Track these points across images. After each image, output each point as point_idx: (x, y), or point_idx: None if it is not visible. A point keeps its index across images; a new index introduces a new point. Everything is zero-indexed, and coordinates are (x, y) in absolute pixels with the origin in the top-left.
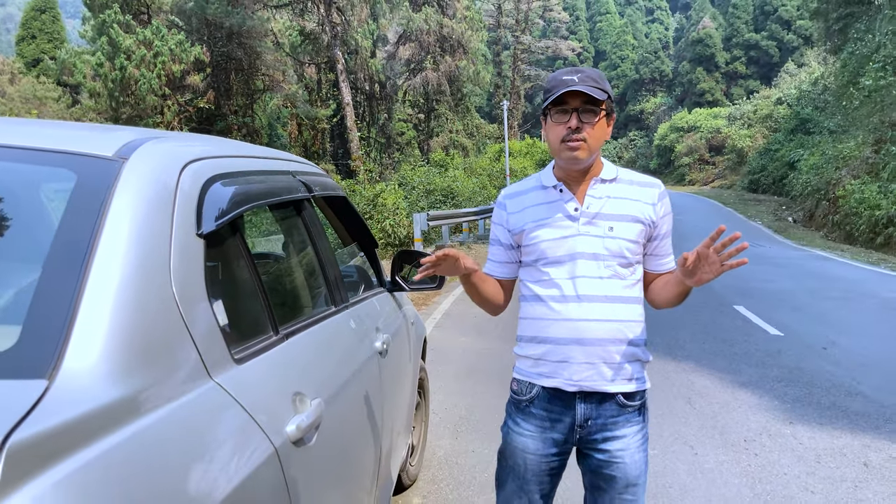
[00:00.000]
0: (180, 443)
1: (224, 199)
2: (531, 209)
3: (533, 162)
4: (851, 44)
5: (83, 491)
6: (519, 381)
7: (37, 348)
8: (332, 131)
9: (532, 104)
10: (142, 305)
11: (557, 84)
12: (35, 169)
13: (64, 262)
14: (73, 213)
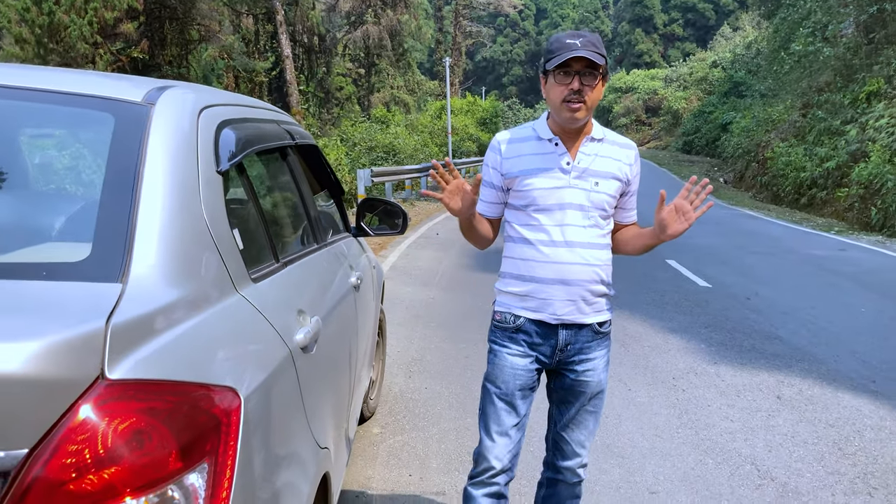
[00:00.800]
0: (225, 337)
1: (233, 142)
2: (527, 157)
3: (474, 120)
4: (784, 9)
5: (164, 358)
6: (503, 313)
7: (107, 259)
8: (271, 85)
9: (473, 61)
10: (183, 227)
11: (562, 47)
12: (79, 111)
13: (118, 188)
14: (118, 148)
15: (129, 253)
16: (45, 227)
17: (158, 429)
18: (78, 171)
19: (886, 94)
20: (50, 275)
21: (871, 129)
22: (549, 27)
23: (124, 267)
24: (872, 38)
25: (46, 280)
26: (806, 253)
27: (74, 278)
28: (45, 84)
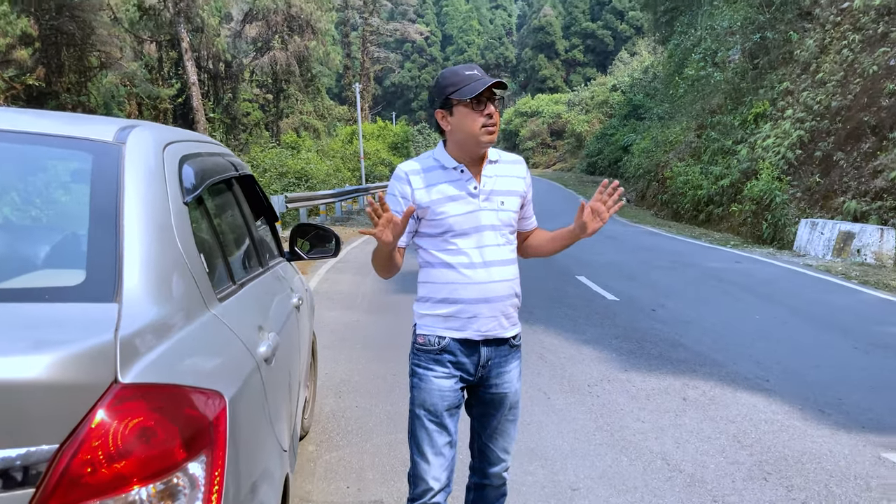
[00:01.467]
0: (206, 349)
1: (193, 175)
2: (437, 186)
3: (385, 144)
4: (677, 36)
5: (168, 362)
6: (426, 336)
7: (101, 282)
8: (175, 111)
9: (381, 86)
10: (161, 253)
11: (467, 79)
12: (60, 151)
13: (103, 219)
14: (99, 183)
15: (119, 277)
16: (37, 255)
17: (165, 425)
18: (62, 205)
19: (771, 116)
20: (52, 297)
21: (759, 149)
22: (456, 53)
23: (117, 289)
24: (757, 64)
25: (51, 302)
26: (705, 266)
27: (75, 300)
28: (24, 126)
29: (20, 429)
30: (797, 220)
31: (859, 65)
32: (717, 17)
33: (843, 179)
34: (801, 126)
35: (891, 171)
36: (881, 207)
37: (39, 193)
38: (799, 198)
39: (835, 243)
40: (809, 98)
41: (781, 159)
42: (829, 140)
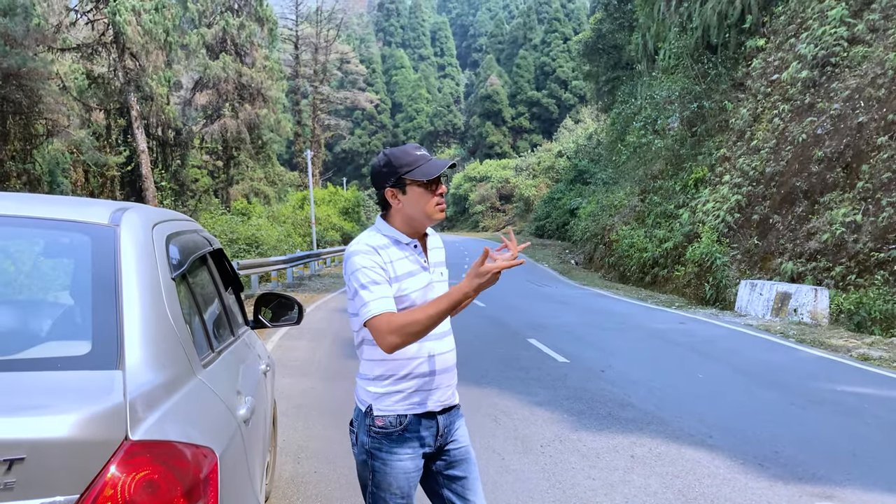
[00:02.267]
0: (198, 410)
1: (178, 252)
2: (399, 262)
3: (336, 210)
4: (618, 104)
5: (168, 422)
6: (385, 417)
7: (105, 352)
8: (123, 179)
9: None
10: (156, 325)
11: (419, 160)
12: (60, 233)
13: (104, 295)
14: (98, 263)
15: (121, 346)
16: (45, 328)
17: (168, 478)
18: (65, 283)
19: (710, 181)
20: (64, 366)
21: (700, 213)
22: (405, 120)
23: (120, 357)
24: (695, 132)
25: (63, 370)
26: (651, 327)
27: (84, 368)
28: (24, 211)
29: (47, 481)
30: (738, 282)
31: (790, 133)
32: (656, 87)
33: (779, 241)
34: (738, 191)
35: (823, 234)
36: (815, 268)
37: (43, 273)
38: (739, 259)
39: (773, 303)
40: (745, 164)
41: (721, 223)
42: (765, 204)
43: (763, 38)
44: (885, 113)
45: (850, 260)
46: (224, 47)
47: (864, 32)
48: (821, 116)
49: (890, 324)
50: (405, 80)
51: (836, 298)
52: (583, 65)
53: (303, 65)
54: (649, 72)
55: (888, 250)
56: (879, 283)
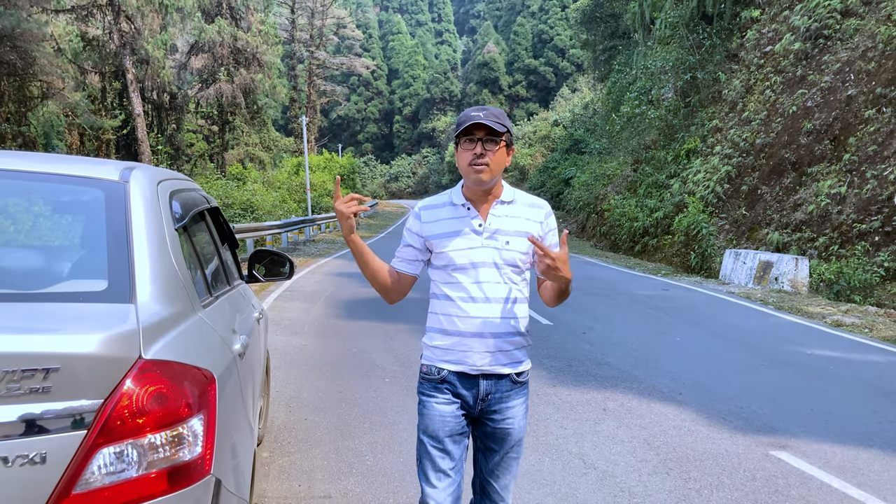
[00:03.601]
0: (199, 340)
1: (180, 206)
2: (444, 222)
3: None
4: (615, 74)
5: (173, 347)
6: (428, 366)
7: (120, 289)
8: (119, 142)
9: (328, 118)
10: (162, 267)
11: (467, 119)
12: (76, 188)
13: (117, 242)
14: (112, 213)
15: (133, 285)
16: (66, 269)
17: (175, 391)
18: (81, 230)
19: (701, 152)
20: (86, 299)
21: (690, 183)
22: (402, 87)
23: (132, 293)
24: (688, 102)
25: (85, 302)
26: (635, 293)
27: (102, 301)
28: (42, 167)
29: (76, 387)
30: (723, 251)
31: (780, 105)
32: (651, 56)
33: (766, 212)
34: (728, 161)
35: (809, 205)
36: (800, 238)
37: (62, 221)
38: (727, 229)
39: (755, 272)
40: (736, 135)
41: (711, 193)
42: (754, 175)
43: (758, 9)
44: (874, 86)
45: (833, 231)
46: (220, 11)
47: (856, 5)
48: (811, 89)
49: (868, 293)
50: (402, 47)
51: (818, 268)
52: (580, 33)
53: (299, 29)
54: (645, 41)
55: (869, 221)
56: (860, 254)
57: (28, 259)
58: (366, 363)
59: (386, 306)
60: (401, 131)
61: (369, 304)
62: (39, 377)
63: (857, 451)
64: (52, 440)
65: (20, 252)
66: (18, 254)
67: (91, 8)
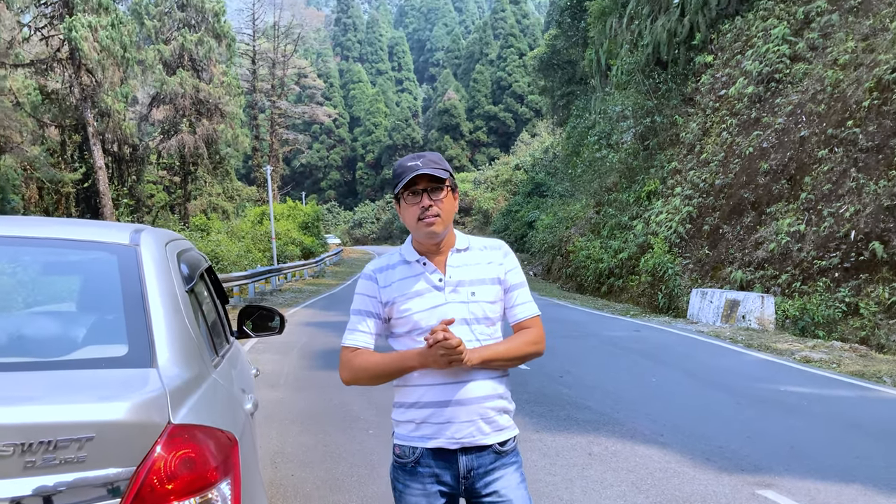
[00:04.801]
0: (219, 402)
1: (188, 267)
2: (398, 283)
3: (296, 224)
4: (573, 118)
5: (197, 411)
6: (401, 447)
7: (140, 354)
8: (78, 195)
9: (290, 167)
10: (177, 331)
11: (405, 170)
12: (89, 253)
13: (134, 304)
14: (126, 277)
15: (153, 349)
16: (85, 334)
17: (203, 456)
18: (97, 295)
19: (662, 193)
20: (108, 364)
21: (653, 224)
22: (364, 134)
23: (153, 358)
24: (647, 145)
25: (108, 368)
26: (607, 335)
27: (124, 366)
28: (55, 234)
29: (110, 455)
30: (689, 290)
31: (737, 146)
32: (609, 101)
33: (729, 251)
34: (689, 202)
35: (769, 243)
36: (763, 276)
37: (77, 286)
38: (691, 269)
39: (723, 310)
40: (695, 176)
41: (673, 233)
42: (715, 215)
43: (711, 54)
44: (825, 127)
45: (794, 268)
46: (181, 63)
47: (804, 50)
48: (766, 130)
49: (831, 328)
50: (363, 95)
51: (783, 305)
52: (538, 80)
53: (260, 79)
54: (602, 87)
55: (829, 258)
56: (821, 290)
57: (46, 325)
58: (347, 415)
59: None
60: (364, 178)
61: None
62: (74, 447)
63: (840, 488)
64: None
65: (38, 319)
66: (37, 320)
67: (51, 62)
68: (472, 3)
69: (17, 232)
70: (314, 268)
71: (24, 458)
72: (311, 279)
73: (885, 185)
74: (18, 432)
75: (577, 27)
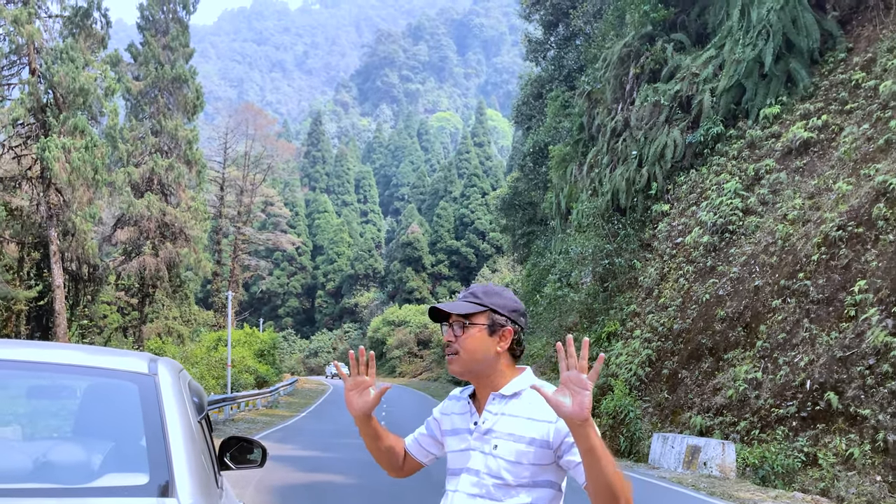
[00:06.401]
0: None
1: (197, 395)
2: (451, 416)
3: (251, 352)
4: (534, 257)
5: None
6: None
7: (159, 483)
8: (30, 313)
9: (249, 292)
10: (194, 460)
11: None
12: (109, 381)
13: (154, 433)
14: (146, 405)
15: (172, 478)
16: (103, 461)
17: None
18: (117, 423)
19: (622, 335)
20: (130, 493)
21: (613, 366)
22: (326, 263)
23: (172, 488)
24: (607, 287)
25: (130, 497)
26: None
27: (145, 495)
28: (73, 360)
29: None
30: (650, 434)
31: (694, 292)
32: (570, 242)
33: (688, 395)
34: (648, 345)
35: (728, 390)
36: (722, 422)
37: (97, 414)
38: (651, 412)
39: (684, 456)
40: (654, 320)
41: (633, 376)
42: (674, 359)
43: (667, 203)
44: (778, 278)
45: (753, 415)
46: (150, 186)
47: (755, 204)
48: (722, 279)
49: (791, 478)
50: (328, 224)
51: (742, 452)
52: (500, 218)
53: (227, 206)
54: (563, 228)
55: (786, 406)
56: (780, 438)
57: (68, 452)
58: None
59: (323, 492)
60: (323, 306)
61: (303, 491)
62: None
63: None
64: None
65: (60, 445)
66: (58, 447)
67: (20, 180)
68: (437, 143)
69: (34, 357)
70: (268, 397)
71: None
72: (265, 409)
73: (837, 336)
74: None
75: (538, 171)
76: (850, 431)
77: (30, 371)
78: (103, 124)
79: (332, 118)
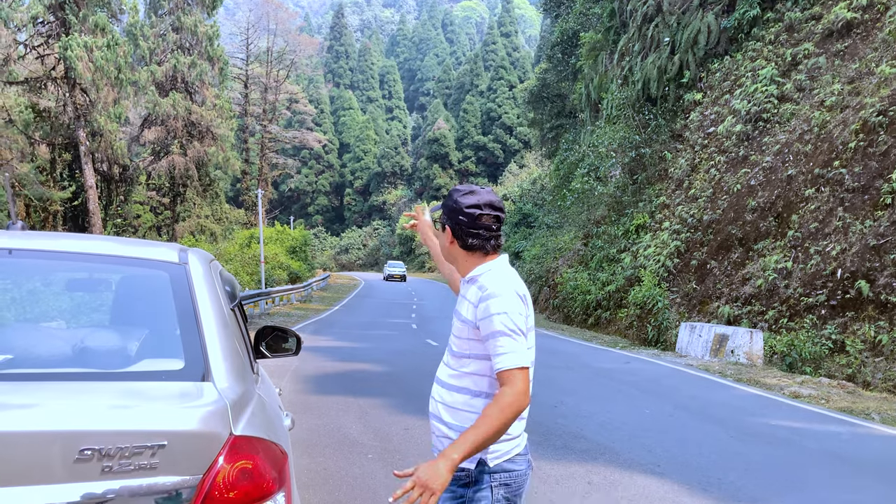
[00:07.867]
0: (267, 416)
1: (230, 285)
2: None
3: (283, 248)
4: (562, 151)
5: (253, 424)
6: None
7: (195, 367)
8: (66, 214)
9: (278, 191)
10: (228, 347)
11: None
12: (142, 270)
13: (187, 321)
14: (179, 293)
15: (207, 364)
16: (139, 348)
17: (261, 466)
18: (151, 310)
19: (651, 227)
20: (167, 377)
21: (641, 257)
22: (353, 160)
23: (207, 372)
24: (636, 179)
25: (167, 381)
26: (598, 366)
27: (182, 379)
28: (108, 251)
29: (179, 463)
30: (678, 323)
31: (725, 183)
32: (598, 135)
33: (716, 286)
34: (677, 237)
35: (757, 279)
36: (750, 312)
37: (131, 301)
38: (679, 303)
39: (711, 344)
40: (684, 211)
41: (661, 267)
42: (703, 250)
43: (700, 92)
44: (812, 167)
45: (781, 304)
46: (174, 85)
47: (792, 91)
48: (754, 168)
49: (818, 364)
50: (353, 121)
51: (770, 341)
52: (528, 112)
53: (252, 104)
54: (592, 121)
55: (815, 295)
56: (808, 327)
57: (104, 338)
58: (345, 440)
59: (356, 380)
60: (351, 204)
61: (337, 379)
62: (148, 454)
63: None
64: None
65: (97, 332)
66: (96, 334)
67: (45, 80)
68: (463, 34)
69: (70, 248)
70: (302, 292)
71: (101, 462)
72: (299, 304)
73: (871, 224)
74: (97, 438)
75: (567, 62)
76: (880, 319)
77: (66, 261)
78: (124, 22)
79: (355, 10)
